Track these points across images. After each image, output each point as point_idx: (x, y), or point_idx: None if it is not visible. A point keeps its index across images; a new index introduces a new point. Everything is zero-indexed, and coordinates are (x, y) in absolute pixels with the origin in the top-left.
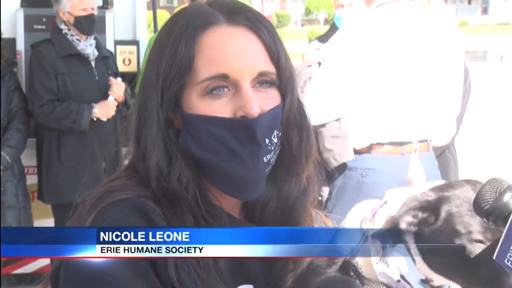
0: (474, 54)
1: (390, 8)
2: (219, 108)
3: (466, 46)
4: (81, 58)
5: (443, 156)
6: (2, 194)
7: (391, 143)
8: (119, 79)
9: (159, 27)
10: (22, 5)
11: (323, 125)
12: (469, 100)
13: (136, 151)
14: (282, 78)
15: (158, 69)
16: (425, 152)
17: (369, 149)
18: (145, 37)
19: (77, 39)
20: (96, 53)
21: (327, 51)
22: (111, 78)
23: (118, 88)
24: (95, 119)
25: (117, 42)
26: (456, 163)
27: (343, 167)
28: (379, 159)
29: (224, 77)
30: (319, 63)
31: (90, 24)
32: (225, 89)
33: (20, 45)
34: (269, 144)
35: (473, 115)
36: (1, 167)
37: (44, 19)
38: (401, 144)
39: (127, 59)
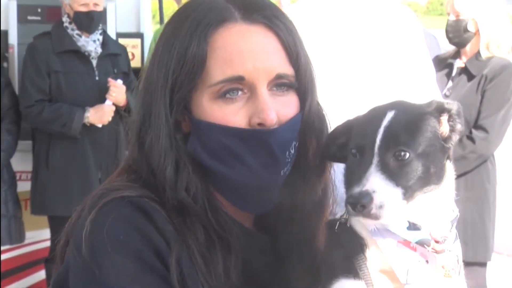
0: None
1: None
2: (233, 113)
3: None
4: (81, 55)
5: (485, 166)
6: None
7: None
8: (120, 81)
9: (165, 18)
10: None
11: None
12: None
13: (139, 154)
14: (302, 81)
15: (166, 68)
16: None
17: None
18: (150, 29)
19: (77, 34)
20: (99, 50)
21: None
22: (110, 79)
23: (116, 91)
24: (88, 124)
25: (120, 35)
26: (494, 169)
27: None
28: None
29: (239, 79)
30: None
31: (89, 22)
32: (239, 92)
33: (13, 38)
34: (287, 157)
35: None
36: None
37: (39, 10)
38: None
39: (131, 53)
